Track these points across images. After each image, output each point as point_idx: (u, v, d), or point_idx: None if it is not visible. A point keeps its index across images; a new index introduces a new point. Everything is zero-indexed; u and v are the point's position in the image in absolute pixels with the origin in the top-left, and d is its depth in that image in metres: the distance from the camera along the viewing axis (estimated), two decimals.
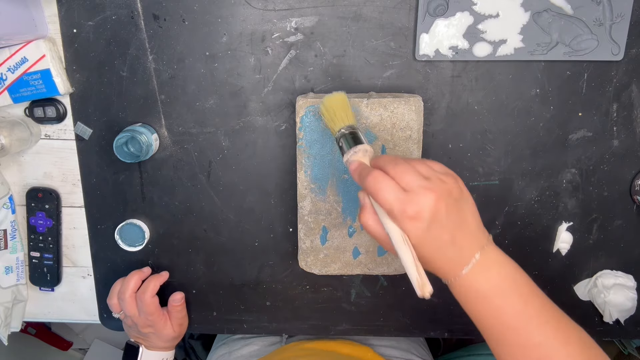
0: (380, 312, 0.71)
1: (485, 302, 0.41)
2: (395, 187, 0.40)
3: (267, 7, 0.58)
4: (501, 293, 0.41)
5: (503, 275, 0.42)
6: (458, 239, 0.41)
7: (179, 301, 0.68)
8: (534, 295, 0.42)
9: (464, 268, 0.41)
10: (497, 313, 0.41)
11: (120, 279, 0.67)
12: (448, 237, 0.40)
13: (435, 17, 0.57)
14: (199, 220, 0.67)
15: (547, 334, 0.40)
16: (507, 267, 0.42)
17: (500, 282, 0.41)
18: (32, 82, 0.60)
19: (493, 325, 0.42)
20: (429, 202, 0.39)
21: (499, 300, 0.41)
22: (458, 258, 0.41)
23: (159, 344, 0.68)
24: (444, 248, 0.41)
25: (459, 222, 0.41)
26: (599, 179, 0.64)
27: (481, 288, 0.41)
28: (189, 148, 0.64)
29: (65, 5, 0.59)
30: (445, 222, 0.40)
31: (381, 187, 0.41)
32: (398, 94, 0.59)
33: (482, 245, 0.42)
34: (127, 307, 0.64)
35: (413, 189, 0.40)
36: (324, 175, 0.59)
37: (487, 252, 0.42)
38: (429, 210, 0.39)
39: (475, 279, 0.41)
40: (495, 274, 0.41)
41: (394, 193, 0.40)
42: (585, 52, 0.58)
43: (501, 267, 0.42)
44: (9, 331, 0.69)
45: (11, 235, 0.67)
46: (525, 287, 0.42)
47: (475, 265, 0.41)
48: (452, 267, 0.41)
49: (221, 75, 0.61)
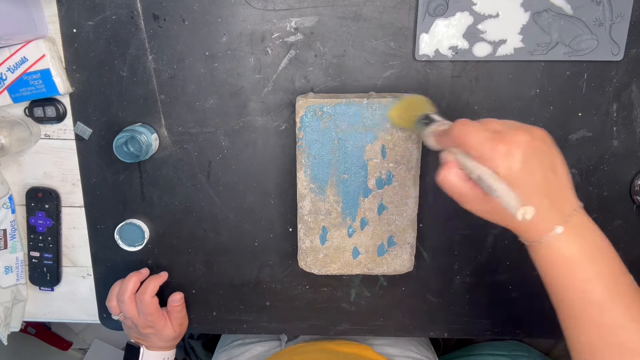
0: (380, 312, 0.71)
1: (572, 271, 0.38)
2: (485, 129, 0.38)
3: (267, 7, 0.58)
4: (592, 264, 0.37)
5: (596, 245, 0.38)
6: (551, 189, 0.37)
7: (179, 301, 0.68)
8: (623, 273, 0.39)
9: (556, 227, 0.37)
10: (585, 286, 0.38)
11: (119, 281, 0.67)
12: (541, 182, 0.37)
13: (435, 17, 0.57)
14: (198, 220, 0.67)
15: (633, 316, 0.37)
16: (600, 238, 0.39)
17: (593, 252, 0.38)
18: (31, 81, 0.60)
19: (574, 299, 0.38)
20: (523, 139, 0.37)
21: (589, 271, 0.37)
22: (549, 213, 0.38)
23: (159, 344, 0.68)
24: (536, 195, 0.37)
25: (551, 172, 0.38)
26: (598, 179, 0.64)
27: (572, 255, 0.38)
28: (189, 148, 0.64)
29: (65, 5, 0.59)
30: (537, 166, 0.37)
31: (470, 130, 0.38)
32: (398, 94, 0.59)
33: (574, 207, 0.38)
34: (126, 309, 0.64)
35: (503, 130, 0.38)
36: (323, 175, 0.59)
37: (580, 215, 0.38)
38: (521, 148, 0.36)
39: (566, 242, 0.38)
40: (588, 242, 0.38)
41: (484, 133, 0.38)
42: (585, 52, 0.58)
43: (594, 235, 0.39)
44: (9, 331, 0.69)
45: (11, 235, 0.67)
46: (616, 262, 0.39)
47: (567, 226, 0.37)
48: (541, 224, 0.38)
49: (221, 75, 0.61)
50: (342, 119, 0.57)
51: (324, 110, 0.57)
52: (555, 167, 0.39)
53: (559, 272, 0.39)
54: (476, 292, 0.69)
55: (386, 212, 0.60)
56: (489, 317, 0.70)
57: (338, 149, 0.58)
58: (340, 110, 0.57)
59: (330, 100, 0.56)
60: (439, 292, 0.69)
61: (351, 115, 0.57)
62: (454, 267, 0.68)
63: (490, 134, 0.38)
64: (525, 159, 0.37)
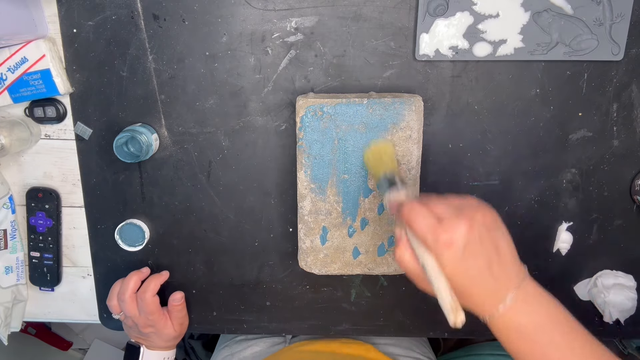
0: (381, 312, 0.71)
1: (528, 339, 0.40)
2: (430, 215, 0.41)
3: (267, 7, 0.58)
4: (543, 330, 0.40)
5: (544, 311, 0.41)
6: (494, 270, 0.40)
7: (179, 300, 0.68)
8: (576, 331, 0.41)
9: (503, 302, 0.40)
10: (542, 350, 0.40)
11: (120, 280, 0.67)
12: (484, 267, 0.40)
13: (435, 17, 0.57)
14: (199, 220, 0.67)
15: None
16: (548, 303, 0.41)
17: (542, 319, 0.40)
18: (32, 82, 0.60)
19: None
20: (463, 229, 0.39)
21: (542, 337, 0.40)
22: (495, 291, 0.40)
23: (159, 343, 0.68)
24: (480, 279, 0.40)
25: (494, 253, 0.40)
26: (599, 179, 0.64)
27: (523, 325, 0.40)
28: (189, 148, 0.64)
29: (65, 5, 0.59)
30: (479, 251, 0.39)
31: (416, 215, 0.41)
32: (398, 93, 0.59)
33: (520, 279, 0.41)
34: (127, 308, 0.64)
35: (446, 217, 0.40)
36: (324, 175, 0.59)
37: (525, 286, 0.41)
38: (462, 238, 0.39)
39: (515, 314, 0.40)
40: (536, 310, 0.40)
41: (429, 220, 0.40)
42: (585, 52, 0.58)
43: (541, 302, 0.41)
44: (9, 331, 0.69)
45: (11, 235, 0.67)
46: (567, 323, 0.41)
47: (514, 299, 0.40)
48: (490, 301, 0.40)
49: (221, 75, 0.61)
50: (343, 119, 0.57)
51: (324, 110, 0.57)
52: (499, 246, 0.41)
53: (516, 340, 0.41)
54: None
55: (386, 212, 0.60)
56: None
57: (338, 149, 0.58)
58: (341, 110, 0.57)
59: (331, 100, 0.57)
60: None
61: (351, 115, 0.57)
62: None
63: (435, 221, 0.40)
64: (467, 248, 0.39)
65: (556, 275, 0.68)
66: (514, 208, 0.65)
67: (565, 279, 0.68)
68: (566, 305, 0.43)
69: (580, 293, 0.68)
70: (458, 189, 0.64)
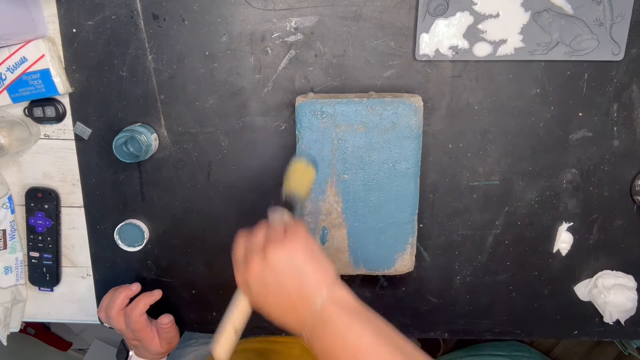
0: (380, 312, 0.70)
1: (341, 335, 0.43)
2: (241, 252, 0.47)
3: (267, 7, 0.58)
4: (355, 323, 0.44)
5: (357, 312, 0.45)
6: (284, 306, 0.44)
7: (167, 324, 0.65)
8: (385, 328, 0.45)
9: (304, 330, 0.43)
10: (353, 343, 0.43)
11: (111, 291, 0.66)
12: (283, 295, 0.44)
13: (435, 16, 0.57)
14: (198, 220, 0.66)
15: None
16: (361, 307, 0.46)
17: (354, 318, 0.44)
18: (31, 81, 0.59)
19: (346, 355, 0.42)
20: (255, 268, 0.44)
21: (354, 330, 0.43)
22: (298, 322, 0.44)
23: (147, 355, 0.67)
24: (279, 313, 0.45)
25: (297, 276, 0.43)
26: (599, 179, 0.64)
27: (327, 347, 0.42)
28: (189, 148, 0.63)
29: (65, 5, 0.59)
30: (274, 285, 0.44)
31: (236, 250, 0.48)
32: (398, 93, 0.59)
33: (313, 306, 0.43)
34: (113, 323, 0.64)
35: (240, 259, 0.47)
36: (323, 175, 0.59)
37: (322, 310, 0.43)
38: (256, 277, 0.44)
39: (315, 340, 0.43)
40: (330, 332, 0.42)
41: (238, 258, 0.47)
42: (586, 52, 0.58)
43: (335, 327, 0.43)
44: (8, 331, 0.69)
45: (10, 235, 0.67)
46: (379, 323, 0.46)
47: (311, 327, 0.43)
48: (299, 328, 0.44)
49: (221, 75, 0.61)
50: (342, 119, 0.57)
51: (323, 110, 0.57)
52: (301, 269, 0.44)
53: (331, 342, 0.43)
54: (476, 292, 0.69)
55: (386, 212, 0.60)
56: (489, 317, 0.70)
57: (338, 149, 0.58)
58: (340, 110, 0.57)
59: (330, 100, 0.56)
60: (439, 292, 0.69)
61: (351, 115, 0.57)
62: (454, 267, 0.68)
63: (242, 260, 0.46)
64: (260, 284, 0.44)
65: (556, 276, 0.68)
66: (514, 208, 0.65)
67: (565, 280, 0.68)
68: (566, 306, 0.43)
69: (581, 293, 0.68)
70: (458, 189, 0.64)
